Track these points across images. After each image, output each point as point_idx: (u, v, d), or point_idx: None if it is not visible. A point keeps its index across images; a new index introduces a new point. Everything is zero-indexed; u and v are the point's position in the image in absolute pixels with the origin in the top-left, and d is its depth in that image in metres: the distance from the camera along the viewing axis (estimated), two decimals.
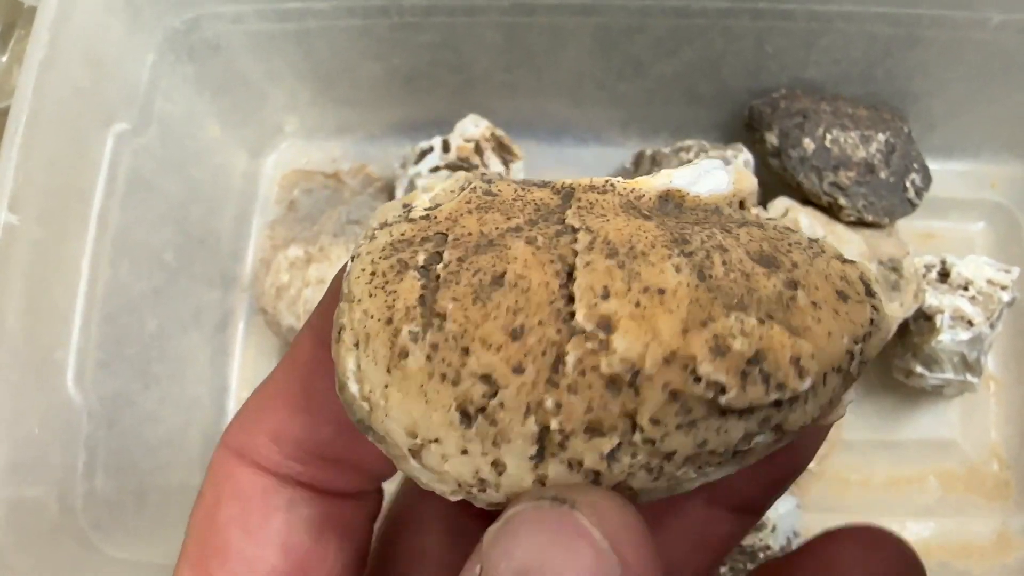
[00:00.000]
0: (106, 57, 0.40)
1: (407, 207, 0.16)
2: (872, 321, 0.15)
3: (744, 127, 0.48)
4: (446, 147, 0.48)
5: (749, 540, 0.41)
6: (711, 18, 0.43)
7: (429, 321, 0.14)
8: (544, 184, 0.17)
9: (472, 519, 0.19)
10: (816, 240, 0.16)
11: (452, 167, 0.47)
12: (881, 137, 0.46)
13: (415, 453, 0.15)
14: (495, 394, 0.14)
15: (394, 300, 0.15)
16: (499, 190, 0.16)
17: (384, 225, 0.16)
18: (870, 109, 0.47)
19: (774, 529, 0.41)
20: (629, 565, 0.13)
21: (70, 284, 0.39)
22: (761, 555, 0.41)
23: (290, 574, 0.18)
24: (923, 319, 0.44)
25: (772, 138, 0.46)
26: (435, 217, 0.16)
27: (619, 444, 0.14)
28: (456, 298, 0.14)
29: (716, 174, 0.17)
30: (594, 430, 0.14)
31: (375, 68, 0.48)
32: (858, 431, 0.47)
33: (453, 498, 0.15)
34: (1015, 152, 0.51)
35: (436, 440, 0.14)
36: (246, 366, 0.50)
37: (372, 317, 0.15)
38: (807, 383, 0.14)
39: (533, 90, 0.49)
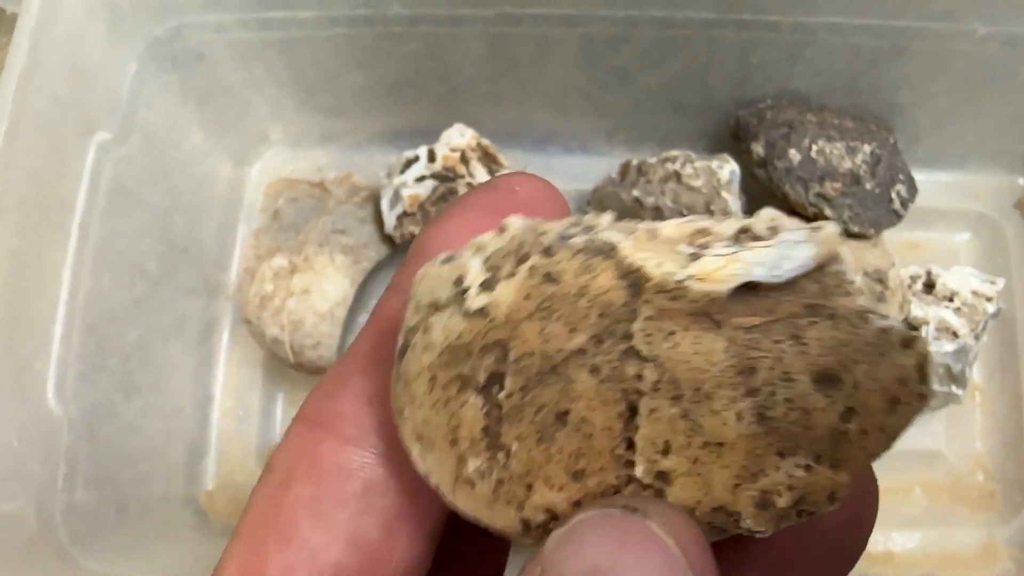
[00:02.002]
0: (87, 66, 0.40)
1: (459, 284, 0.15)
2: (916, 414, 0.16)
3: (730, 137, 0.48)
4: (432, 156, 0.48)
5: None
6: (696, 29, 0.43)
7: (494, 455, 0.15)
8: (610, 253, 0.15)
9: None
10: (888, 329, 0.15)
11: (438, 177, 0.47)
12: (867, 148, 0.46)
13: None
14: (556, 518, 0.15)
15: (457, 424, 0.15)
16: (560, 271, 0.15)
17: (436, 307, 0.15)
18: (856, 120, 0.47)
19: None
20: (699, 570, 0.14)
21: (50, 295, 0.38)
22: None
23: (353, 570, 0.17)
24: None
25: (758, 149, 0.46)
26: (493, 318, 0.15)
27: None
28: (520, 438, 0.15)
29: (799, 251, 0.15)
30: None
31: (360, 77, 0.48)
32: None
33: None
34: (1000, 163, 0.51)
35: (499, 531, 0.16)
36: (230, 376, 0.50)
37: (436, 429, 0.15)
38: (836, 505, 0.15)
39: (519, 100, 0.49)
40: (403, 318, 0.16)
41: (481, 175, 0.47)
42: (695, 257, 0.15)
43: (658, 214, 0.46)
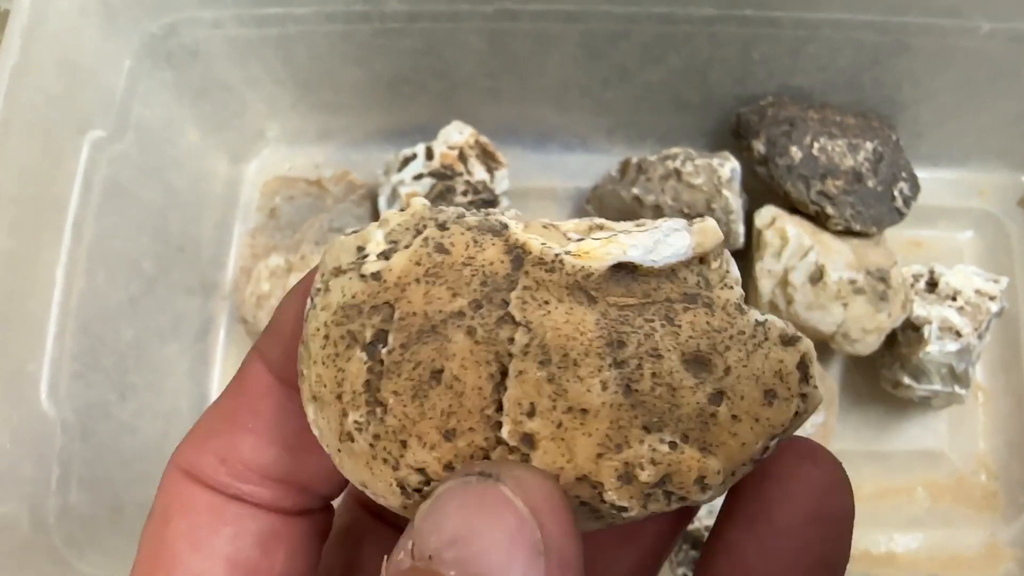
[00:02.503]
0: (81, 63, 0.40)
1: (361, 251, 0.16)
2: (797, 414, 0.16)
3: (731, 135, 0.48)
4: (429, 154, 0.47)
5: (692, 525, 0.41)
6: (697, 25, 0.43)
7: (372, 410, 0.16)
8: (500, 230, 0.16)
9: None
10: (764, 322, 0.16)
11: (436, 174, 0.47)
12: (869, 145, 0.45)
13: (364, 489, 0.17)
14: (428, 482, 0.16)
15: (343, 378, 0.16)
16: (452, 244, 0.16)
17: (338, 272, 0.16)
18: (858, 117, 0.46)
19: (711, 512, 0.40)
20: (548, 531, 0.14)
21: (44, 294, 0.38)
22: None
23: None
24: (911, 330, 0.44)
25: (759, 146, 0.45)
26: (384, 280, 0.16)
27: None
28: (397, 392, 0.16)
29: (675, 238, 0.16)
30: None
31: (357, 74, 0.48)
32: (846, 442, 0.47)
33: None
34: (1004, 160, 0.50)
35: (382, 496, 0.16)
36: (226, 376, 0.49)
37: (325, 386, 0.16)
38: (708, 495, 0.16)
39: (518, 97, 0.49)
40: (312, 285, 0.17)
41: (479, 173, 0.47)
42: (580, 241, 0.16)
43: (658, 212, 0.46)
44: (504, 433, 0.16)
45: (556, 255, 0.16)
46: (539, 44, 0.45)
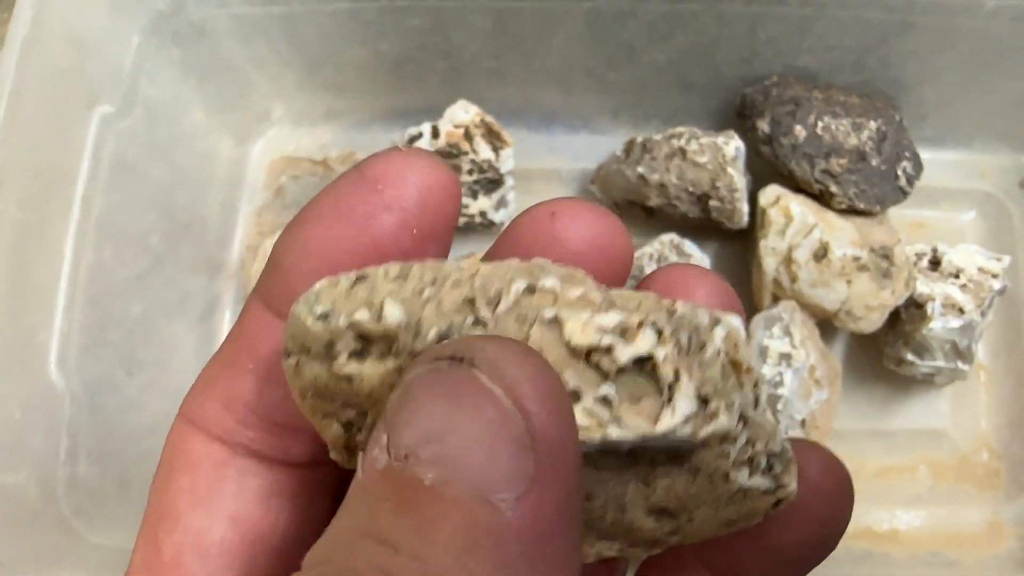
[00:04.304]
0: (90, 38, 0.40)
1: (330, 348, 0.15)
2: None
3: (736, 115, 0.48)
4: (435, 133, 0.47)
5: None
6: (704, 3, 0.43)
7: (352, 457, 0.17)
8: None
9: None
10: (748, 490, 0.16)
11: (442, 153, 0.47)
12: (873, 125, 0.45)
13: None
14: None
15: (323, 428, 0.17)
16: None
17: (306, 352, 0.16)
18: (862, 97, 0.47)
19: None
20: (533, 417, 0.13)
21: (53, 266, 0.38)
22: None
23: (238, 544, 0.18)
24: (914, 307, 0.44)
25: (763, 125, 0.45)
26: (357, 389, 0.15)
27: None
28: None
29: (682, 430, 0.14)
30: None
31: (363, 53, 0.48)
32: (849, 420, 0.47)
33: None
34: (1007, 142, 0.50)
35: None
36: None
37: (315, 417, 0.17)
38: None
39: (523, 76, 0.49)
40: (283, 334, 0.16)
41: (485, 152, 0.47)
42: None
43: (663, 191, 0.46)
44: None
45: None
46: (544, 24, 0.45)
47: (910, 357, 0.44)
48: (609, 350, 0.14)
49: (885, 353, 0.46)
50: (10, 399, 0.35)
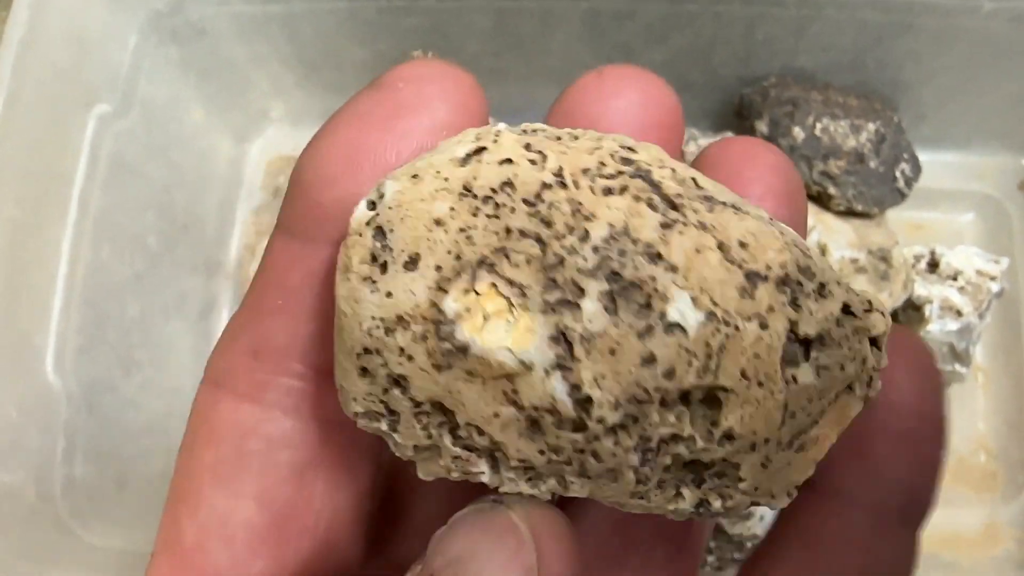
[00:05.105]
0: (87, 37, 0.40)
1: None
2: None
3: (734, 115, 0.48)
4: None
5: (737, 529, 0.41)
6: (702, 4, 0.43)
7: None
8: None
9: None
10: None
11: None
12: (871, 126, 0.45)
13: None
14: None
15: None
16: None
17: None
18: (861, 98, 0.47)
19: (762, 518, 0.40)
20: (546, 555, 0.14)
21: (50, 267, 0.38)
22: (749, 544, 0.41)
23: (267, 527, 0.17)
24: (912, 309, 0.44)
25: (762, 127, 0.45)
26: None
27: None
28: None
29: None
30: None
31: (362, 53, 0.48)
32: None
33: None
34: (1005, 143, 0.50)
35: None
36: None
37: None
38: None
39: (522, 76, 0.49)
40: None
41: None
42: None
43: None
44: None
45: None
46: (543, 23, 0.45)
47: None
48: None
49: None
50: (7, 399, 0.35)
